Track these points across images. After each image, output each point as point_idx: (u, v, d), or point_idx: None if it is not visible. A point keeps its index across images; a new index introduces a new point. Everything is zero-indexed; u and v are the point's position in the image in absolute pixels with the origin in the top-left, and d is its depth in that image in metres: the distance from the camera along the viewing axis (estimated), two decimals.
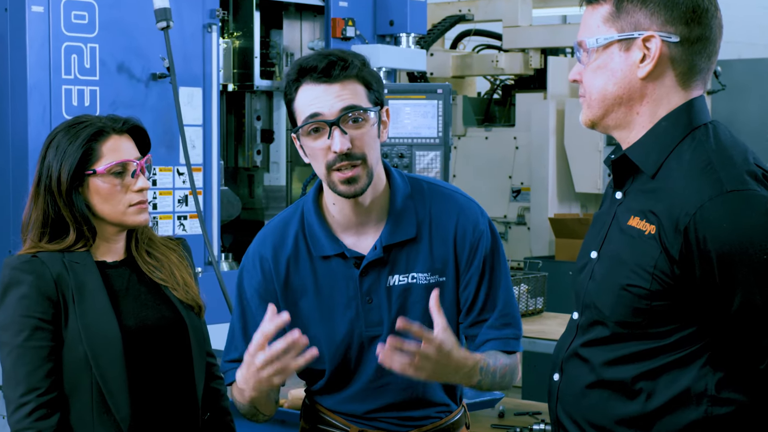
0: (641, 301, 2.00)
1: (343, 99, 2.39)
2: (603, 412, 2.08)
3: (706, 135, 2.05)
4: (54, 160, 2.58)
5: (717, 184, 1.96)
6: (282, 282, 2.52)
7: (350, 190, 2.40)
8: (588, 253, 2.16)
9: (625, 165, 2.12)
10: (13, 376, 2.50)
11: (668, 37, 2.04)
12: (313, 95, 2.39)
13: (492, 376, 2.44)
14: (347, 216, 2.48)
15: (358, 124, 2.40)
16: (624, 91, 2.08)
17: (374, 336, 2.49)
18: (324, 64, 2.38)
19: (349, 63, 2.40)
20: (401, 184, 2.52)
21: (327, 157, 2.39)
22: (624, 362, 2.05)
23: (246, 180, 5.67)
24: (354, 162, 2.39)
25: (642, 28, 2.05)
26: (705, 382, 2.00)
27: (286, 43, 5.55)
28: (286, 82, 2.44)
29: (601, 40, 2.07)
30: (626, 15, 2.06)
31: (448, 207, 2.52)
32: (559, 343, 2.23)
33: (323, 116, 2.38)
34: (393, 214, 2.49)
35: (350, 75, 2.40)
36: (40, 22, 4.32)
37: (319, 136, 2.40)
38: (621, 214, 2.10)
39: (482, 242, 2.52)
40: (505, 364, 2.49)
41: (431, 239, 2.50)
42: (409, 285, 2.49)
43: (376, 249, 2.48)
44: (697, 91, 2.10)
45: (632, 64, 2.06)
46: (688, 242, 1.95)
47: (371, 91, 2.43)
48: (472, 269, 2.51)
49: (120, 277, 2.65)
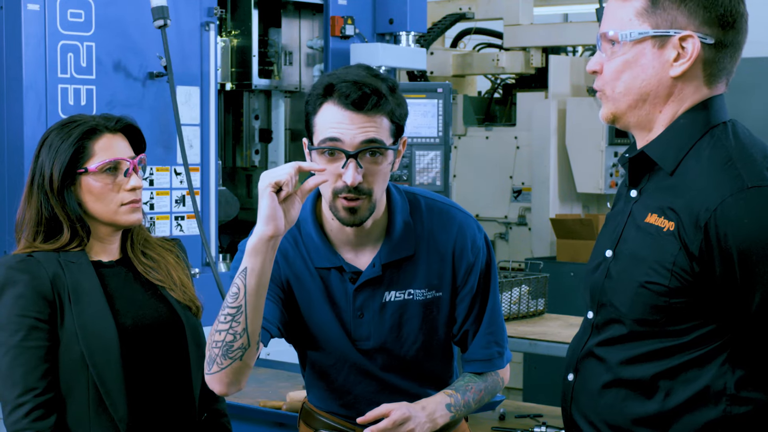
0: (660, 298, 1.99)
1: (366, 132, 2.35)
2: (620, 411, 2.07)
3: (725, 133, 2.04)
4: (47, 158, 2.59)
5: (738, 180, 1.95)
6: (287, 269, 2.51)
7: (351, 219, 2.39)
8: (602, 252, 2.14)
9: (642, 162, 2.10)
10: (9, 376, 2.50)
11: (704, 38, 2.02)
12: (336, 118, 2.35)
13: (466, 408, 2.53)
14: (346, 233, 2.47)
15: (375, 159, 2.37)
16: (652, 89, 2.06)
17: (364, 349, 2.50)
18: (357, 96, 2.33)
19: (382, 98, 2.35)
20: (400, 201, 2.51)
21: (336, 182, 2.36)
22: (642, 361, 2.04)
23: (244, 180, 5.65)
24: (359, 195, 2.36)
25: (679, 27, 2.02)
26: (724, 381, 1.99)
27: (285, 42, 5.53)
28: (311, 93, 2.40)
29: (635, 35, 2.04)
30: (662, 11, 2.03)
31: (446, 223, 2.52)
32: (573, 343, 2.22)
33: (342, 144, 2.34)
34: (392, 232, 2.49)
35: (380, 111, 2.36)
36: (35, 21, 4.29)
37: (333, 161, 2.36)
38: (637, 211, 2.08)
39: (479, 259, 2.54)
40: (480, 390, 2.56)
41: (429, 255, 2.50)
42: (406, 301, 2.50)
43: (374, 267, 2.47)
44: (719, 89, 2.09)
45: (665, 63, 2.04)
46: (708, 239, 1.94)
47: (394, 124, 2.40)
48: (468, 286, 2.53)
49: (116, 277, 2.65)
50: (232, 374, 2.31)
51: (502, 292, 4.86)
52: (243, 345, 2.28)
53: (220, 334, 2.28)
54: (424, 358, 2.55)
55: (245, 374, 2.33)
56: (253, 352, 2.30)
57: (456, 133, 7.80)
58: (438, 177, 5.15)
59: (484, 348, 2.56)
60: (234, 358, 2.28)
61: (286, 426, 3.53)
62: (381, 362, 2.51)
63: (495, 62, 7.70)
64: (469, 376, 2.57)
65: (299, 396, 3.55)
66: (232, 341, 2.27)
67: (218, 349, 2.29)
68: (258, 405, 3.60)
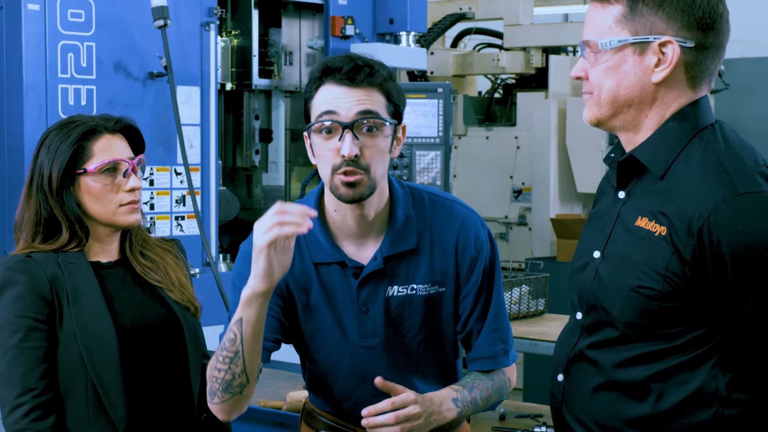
0: (652, 302, 1.99)
1: (362, 104, 2.36)
2: (612, 413, 2.07)
3: (714, 136, 2.04)
4: (46, 159, 2.59)
5: (730, 186, 1.94)
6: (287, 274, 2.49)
7: (350, 193, 2.37)
8: (589, 253, 2.13)
9: (631, 165, 2.09)
10: (8, 377, 2.50)
11: (684, 42, 2.02)
12: (332, 95, 2.37)
13: (473, 404, 2.48)
14: (349, 224, 2.46)
15: (372, 133, 2.37)
16: (636, 95, 2.05)
17: (369, 346, 2.49)
18: (350, 67, 2.36)
19: (375, 71, 2.38)
20: (402, 194, 2.51)
21: (334, 159, 2.36)
22: (634, 363, 2.04)
23: (244, 180, 5.65)
24: (358, 170, 2.36)
25: (658, 32, 2.02)
26: (716, 383, 1.99)
27: (285, 42, 5.52)
28: (309, 79, 2.42)
29: (615, 42, 2.04)
30: (641, 17, 2.02)
31: (449, 218, 2.52)
32: (561, 343, 2.21)
33: (338, 117, 2.35)
34: (394, 225, 2.48)
35: (374, 83, 2.38)
36: (36, 21, 4.29)
37: (330, 137, 2.37)
38: (626, 214, 2.07)
39: (483, 254, 2.53)
40: (487, 387, 2.52)
41: (432, 250, 2.49)
42: (409, 296, 2.49)
43: (376, 260, 2.47)
44: (703, 91, 2.08)
45: (646, 69, 2.03)
46: (701, 244, 1.94)
47: (391, 104, 2.41)
48: (472, 281, 2.52)
49: (114, 278, 2.65)
50: (233, 404, 2.38)
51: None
52: (242, 383, 2.34)
53: (219, 371, 2.33)
54: (426, 356, 2.54)
55: (246, 403, 2.40)
56: (252, 386, 2.36)
57: (456, 133, 7.80)
58: (438, 177, 5.15)
59: (489, 345, 2.54)
60: (234, 393, 2.35)
61: (286, 426, 3.53)
62: (384, 361, 2.50)
63: (495, 62, 7.70)
64: (475, 374, 2.55)
65: (299, 396, 3.55)
66: (231, 380, 2.33)
67: (218, 384, 2.35)
68: (258, 405, 3.60)
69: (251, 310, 2.26)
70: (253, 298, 2.25)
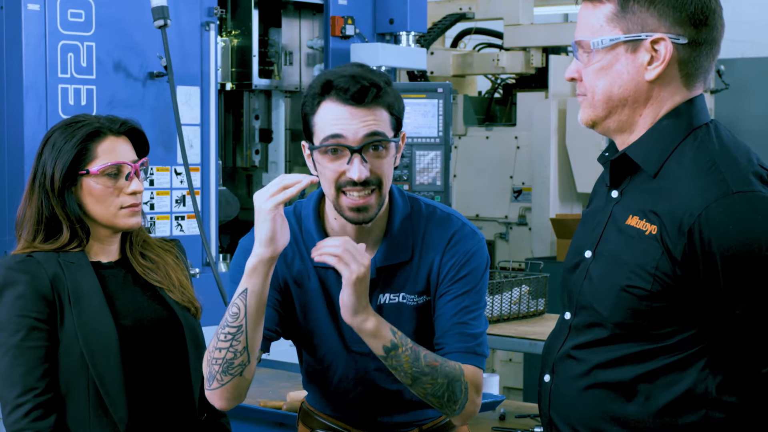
0: (641, 302, 1.97)
1: (368, 125, 2.34)
2: (600, 413, 2.05)
3: (708, 135, 2.02)
4: (49, 157, 2.59)
5: (722, 185, 1.92)
6: (285, 271, 2.50)
7: (358, 217, 2.37)
8: (581, 252, 2.12)
9: (624, 164, 2.08)
10: (9, 376, 2.50)
11: (676, 39, 2.00)
12: (336, 115, 2.34)
13: (413, 356, 2.33)
14: (347, 232, 2.46)
15: (379, 153, 2.36)
16: (630, 94, 2.04)
17: (362, 352, 2.46)
18: (356, 89, 2.32)
19: (381, 91, 2.35)
20: (401, 203, 2.50)
21: (339, 179, 2.35)
22: (622, 363, 2.02)
23: (244, 180, 5.65)
24: (368, 189, 2.35)
25: (650, 30, 2.00)
26: (705, 385, 1.97)
27: (285, 42, 5.53)
28: (308, 93, 2.38)
29: (606, 41, 2.02)
30: (632, 15, 2.00)
31: (441, 229, 2.49)
32: (549, 343, 2.20)
33: (345, 140, 2.33)
34: (390, 235, 2.47)
35: (380, 103, 2.35)
36: (36, 21, 4.29)
37: (337, 158, 2.35)
38: (618, 213, 2.06)
39: (468, 263, 2.47)
40: (435, 359, 2.36)
41: (421, 261, 2.48)
42: (400, 304, 2.48)
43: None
44: (698, 89, 2.07)
45: (639, 67, 2.02)
46: (692, 244, 1.92)
47: (393, 117, 2.39)
48: (446, 282, 2.45)
49: (115, 278, 2.65)
50: (232, 389, 2.33)
51: (503, 292, 4.86)
52: (243, 362, 2.31)
53: (220, 351, 2.30)
54: None
55: (245, 388, 2.36)
56: (253, 366, 2.33)
57: (456, 133, 7.80)
58: (438, 177, 5.15)
59: (457, 342, 2.43)
60: (234, 374, 2.31)
61: (286, 426, 3.53)
62: (375, 365, 2.48)
63: (495, 62, 7.69)
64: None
65: (299, 396, 3.55)
66: (232, 359, 2.30)
67: (218, 366, 2.31)
68: (258, 405, 3.60)
69: (257, 279, 2.25)
70: (258, 266, 2.25)
